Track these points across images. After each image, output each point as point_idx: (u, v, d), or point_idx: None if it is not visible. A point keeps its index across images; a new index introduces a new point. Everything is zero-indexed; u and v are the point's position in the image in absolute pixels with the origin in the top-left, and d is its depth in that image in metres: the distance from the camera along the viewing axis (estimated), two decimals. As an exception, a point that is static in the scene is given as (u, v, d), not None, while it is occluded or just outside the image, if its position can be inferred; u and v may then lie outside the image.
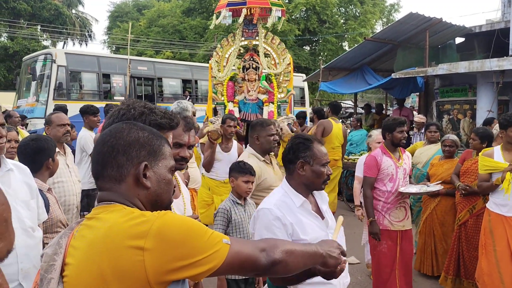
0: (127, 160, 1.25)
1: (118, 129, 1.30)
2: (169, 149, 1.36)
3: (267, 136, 3.70)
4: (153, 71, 15.96)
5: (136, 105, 1.64)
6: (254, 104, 6.37)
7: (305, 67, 26.11)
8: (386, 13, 31.38)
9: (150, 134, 1.32)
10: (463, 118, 9.02)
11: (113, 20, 38.50)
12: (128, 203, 1.25)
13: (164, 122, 1.65)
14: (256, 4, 6.18)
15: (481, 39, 10.62)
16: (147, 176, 1.27)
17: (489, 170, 3.96)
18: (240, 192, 3.30)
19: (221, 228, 3.22)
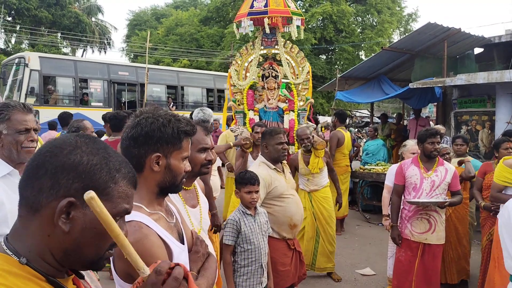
0: (51, 187, 0.96)
1: (61, 143, 1.01)
2: (123, 189, 1.03)
3: (275, 144, 3.72)
4: (135, 76, 15.56)
5: (161, 113, 1.67)
6: (275, 112, 6.41)
7: (321, 75, 26.09)
8: (403, 23, 31.22)
9: (101, 163, 1.00)
10: (481, 129, 8.91)
11: (131, 28, 39.11)
12: (25, 249, 0.97)
13: (189, 129, 1.70)
14: (278, 13, 6.24)
15: (501, 50, 10.50)
16: (70, 216, 0.96)
17: (506, 182, 3.91)
18: (245, 203, 3.28)
19: (230, 240, 3.21)
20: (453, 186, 4.20)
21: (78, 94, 13.99)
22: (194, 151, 2.10)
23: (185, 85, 16.91)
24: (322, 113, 26.89)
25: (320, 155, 5.19)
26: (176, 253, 1.56)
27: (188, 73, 18.37)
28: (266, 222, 3.40)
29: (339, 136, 7.31)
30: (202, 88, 17.59)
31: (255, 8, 6.31)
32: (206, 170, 2.18)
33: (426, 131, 4.24)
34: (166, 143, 1.63)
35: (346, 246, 6.66)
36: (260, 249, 3.25)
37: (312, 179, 5.20)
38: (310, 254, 5.25)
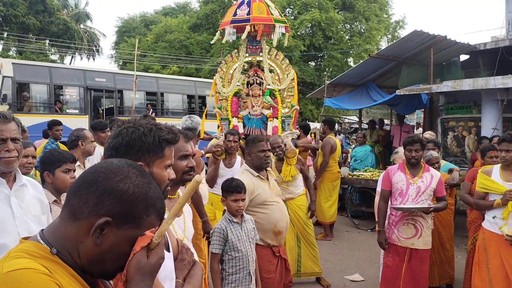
0: (95, 204, 1.08)
1: (116, 169, 1.14)
2: (151, 221, 1.15)
3: (258, 152, 3.75)
4: (113, 83, 15.24)
5: (142, 123, 1.68)
6: (259, 119, 6.43)
7: (311, 82, 26.24)
8: (391, 30, 31.54)
9: (142, 196, 1.13)
10: (468, 135, 9.03)
11: (120, 35, 39.00)
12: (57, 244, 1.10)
13: (171, 137, 1.70)
14: (260, 21, 6.28)
15: (486, 57, 10.66)
16: (103, 232, 1.08)
17: (486, 190, 3.98)
18: (231, 211, 3.29)
19: (218, 248, 3.21)
20: (438, 192, 4.25)
21: (53, 101, 13.63)
22: (175, 158, 2.10)
23: (165, 91, 16.58)
24: (311, 119, 27.00)
25: (292, 163, 5.20)
26: None
27: (168, 79, 18.10)
28: (253, 229, 3.41)
29: (332, 143, 7.38)
30: (182, 95, 17.29)
31: (238, 16, 6.35)
32: (189, 177, 2.18)
33: (406, 138, 4.33)
34: (147, 152, 1.64)
35: (335, 252, 6.69)
36: (248, 256, 3.26)
37: (286, 187, 5.17)
38: (294, 262, 5.25)
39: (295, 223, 5.24)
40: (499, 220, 3.81)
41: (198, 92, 17.53)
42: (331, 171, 7.39)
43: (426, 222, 4.26)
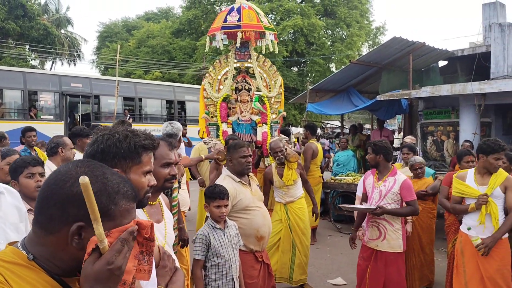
0: (61, 215, 1.08)
1: (65, 175, 1.13)
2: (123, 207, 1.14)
3: (239, 158, 3.77)
4: (89, 88, 15.02)
5: (118, 129, 1.69)
6: (248, 125, 6.47)
7: (293, 87, 26.40)
8: (372, 36, 31.97)
9: (100, 190, 1.11)
10: (446, 140, 9.20)
11: (102, 40, 38.70)
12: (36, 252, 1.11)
13: (148, 143, 1.70)
14: (250, 28, 6.33)
15: (463, 63, 10.90)
16: (82, 236, 1.08)
17: (461, 194, 4.09)
18: (214, 217, 3.30)
19: (200, 254, 3.22)
20: (404, 196, 4.27)
21: (27, 107, 13.38)
22: (158, 166, 2.10)
23: (143, 96, 16.37)
24: (294, 124, 27.13)
25: (293, 167, 5.27)
26: None
27: (147, 85, 17.91)
28: (237, 234, 3.42)
29: (313, 148, 7.46)
30: (161, 100, 17.08)
31: (228, 22, 6.39)
32: (170, 185, 2.19)
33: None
34: (123, 159, 1.64)
35: (318, 256, 6.73)
36: (231, 262, 3.27)
37: (287, 191, 5.28)
38: (287, 267, 5.28)
39: (293, 228, 5.28)
40: (473, 232, 3.93)
41: (178, 98, 17.37)
42: (313, 176, 7.46)
43: (391, 225, 4.28)
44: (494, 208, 3.86)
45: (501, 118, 9.37)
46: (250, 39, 6.49)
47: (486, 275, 3.84)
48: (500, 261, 3.85)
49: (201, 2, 30.37)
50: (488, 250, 3.81)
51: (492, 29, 8.97)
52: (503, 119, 9.44)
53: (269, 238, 4.03)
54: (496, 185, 3.90)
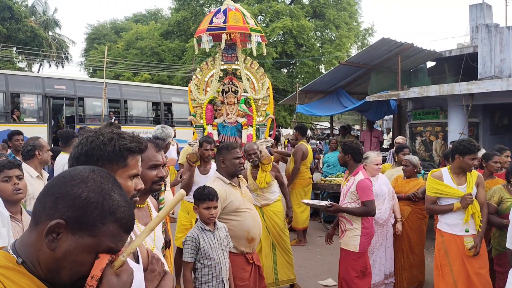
0: (50, 208, 1.06)
1: (76, 174, 1.12)
2: (110, 230, 1.10)
3: (232, 159, 3.75)
4: (73, 90, 14.77)
5: (104, 132, 1.64)
6: (233, 127, 6.45)
7: (283, 89, 26.45)
8: (360, 37, 32.18)
9: (97, 203, 1.08)
10: (435, 140, 9.26)
11: (90, 42, 38.46)
12: (23, 253, 1.09)
13: (134, 146, 1.65)
14: (236, 30, 6.31)
15: (451, 63, 10.99)
16: (58, 237, 1.05)
17: (440, 194, 4.15)
18: (203, 219, 3.29)
19: (190, 257, 3.20)
20: (360, 196, 4.30)
21: (9, 110, 13.15)
22: (145, 168, 2.07)
23: (128, 98, 16.17)
24: (284, 125, 27.18)
25: (267, 169, 5.25)
26: None
27: (132, 86, 17.68)
28: (226, 236, 3.41)
29: (303, 149, 7.45)
30: (147, 102, 16.93)
31: (214, 24, 6.37)
32: (158, 187, 2.16)
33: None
34: (108, 162, 1.59)
35: (308, 257, 6.73)
36: (220, 264, 3.25)
37: (262, 193, 5.24)
38: (271, 270, 5.26)
39: (270, 230, 5.26)
40: (469, 235, 4.00)
41: (164, 99, 17.23)
42: (303, 177, 7.46)
43: (350, 224, 4.35)
44: (477, 206, 4.01)
45: (488, 118, 9.46)
46: (236, 41, 6.48)
47: (472, 272, 3.95)
48: (483, 256, 4.02)
49: (190, 3, 30.32)
50: (478, 249, 3.89)
51: (479, 30, 9.06)
52: (491, 119, 9.54)
53: (259, 240, 4.02)
54: (473, 184, 4.07)
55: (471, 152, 4.00)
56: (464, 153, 4.01)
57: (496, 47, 8.57)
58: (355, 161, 4.39)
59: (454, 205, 4.02)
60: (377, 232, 4.74)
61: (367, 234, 4.33)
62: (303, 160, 7.44)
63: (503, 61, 8.53)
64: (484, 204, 4.09)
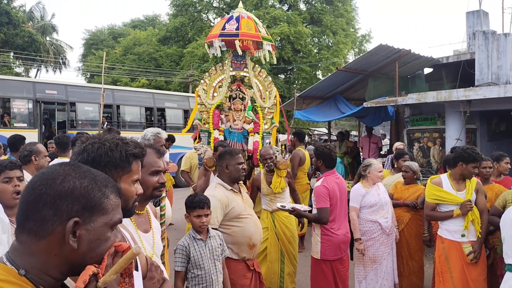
0: (54, 214, 1.06)
1: (51, 174, 1.11)
2: (113, 201, 1.16)
3: (236, 164, 3.73)
4: (65, 95, 14.53)
5: (107, 138, 1.66)
6: (240, 133, 6.45)
7: (281, 95, 26.33)
8: (357, 44, 32.23)
9: (91, 184, 1.12)
10: (433, 146, 9.27)
11: (88, 48, 38.41)
12: (26, 265, 1.06)
13: (138, 152, 1.68)
14: (248, 37, 6.32)
15: (449, 70, 11.03)
16: (76, 235, 1.07)
17: (439, 200, 4.15)
18: (195, 227, 3.24)
19: (180, 266, 3.16)
20: (315, 202, 4.31)
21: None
22: (146, 174, 2.07)
23: (121, 103, 15.99)
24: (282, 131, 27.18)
25: (283, 175, 5.25)
26: None
27: (124, 91, 17.53)
28: (220, 245, 3.34)
29: (300, 155, 7.46)
30: (140, 107, 16.70)
31: (226, 30, 6.39)
32: (159, 193, 2.15)
33: None
34: (115, 168, 1.61)
35: (306, 264, 6.69)
36: (211, 274, 3.19)
37: (274, 199, 5.25)
38: (277, 276, 5.22)
39: (280, 236, 5.23)
40: (466, 240, 4.01)
41: (157, 105, 17.05)
42: (300, 183, 7.44)
43: (313, 230, 4.39)
44: (476, 213, 4.02)
45: (486, 125, 9.48)
46: (248, 48, 6.49)
47: (471, 278, 3.96)
48: (482, 263, 4.03)
49: (188, 10, 30.35)
50: (478, 256, 3.89)
51: (476, 36, 9.09)
52: (488, 125, 9.56)
53: (260, 246, 4.00)
54: (472, 190, 4.08)
55: (475, 161, 4.04)
56: (468, 161, 4.03)
57: (493, 54, 8.60)
58: (326, 166, 4.36)
59: (454, 212, 4.02)
60: (384, 242, 4.68)
61: (328, 241, 4.24)
62: (300, 166, 7.44)
63: (500, 67, 8.56)
64: (483, 211, 4.09)
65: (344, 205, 4.47)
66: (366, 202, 4.72)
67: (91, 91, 15.56)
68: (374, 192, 4.74)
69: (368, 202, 4.71)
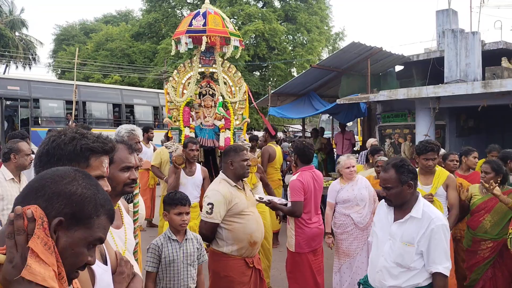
0: (45, 207, 1.09)
1: (63, 173, 1.17)
2: (102, 222, 1.18)
3: (241, 161, 3.70)
4: (28, 91, 14.23)
5: (67, 131, 1.62)
6: (211, 130, 6.42)
7: (256, 92, 26.49)
8: (331, 41, 32.55)
9: (91, 197, 1.16)
10: (403, 142, 9.46)
11: (59, 43, 37.63)
12: None
13: (97, 146, 1.62)
14: (216, 33, 6.30)
15: (419, 67, 11.26)
16: (56, 235, 1.10)
17: None
18: (175, 226, 3.16)
19: (151, 266, 3.08)
20: (290, 196, 4.41)
21: None
22: (116, 170, 2.04)
23: (87, 100, 15.75)
24: (257, 128, 27.23)
25: (253, 171, 5.27)
26: (98, 274, 1.53)
27: (91, 87, 17.29)
28: (197, 249, 3.26)
29: (270, 151, 7.48)
30: (107, 104, 16.45)
31: (193, 26, 6.34)
32: (130, 190, 2.12)
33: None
34: (69, 161, 1.55)
35: (280, 259, 6.75)
36: (180, 279, 3.12)
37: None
38: None
39: None
40: None
41: (126, 101, 16.82)
42: (272, 179, 7.46)
43: (288, 224, 4.46)
44: (438, 207, 4.03)
45: (454, 121, 9.74)
46: (215, 44, 6.47)
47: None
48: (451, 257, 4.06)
49: (161, 5, 30.06)
50: None
51: (445, 35, 9.31)
52: (457, 121, 9.82)
53: (260, 244, 3.97)
54: (439, 185, 4.14)
55: (423, 152, 4.10)
56: (419, 153, 4.14)
57: (462, 52, 8.82)
58: (301, 161, 4.45)
59: None
60: (358, 237, 4.73)
61: (302, 234, 4.32)
62: (269, 162, 7.47)
63: (468, 65, 8.79)
64: (453, 206, 4.13)
65: (319, 199, 4.57)
66: (340, 197, 4.84)
67: (56, 87, 15.23)
68: (349, 188, 4.82)
69: (341, 198, 4.82)
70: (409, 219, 2.70)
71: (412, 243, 2.64)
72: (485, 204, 4.16)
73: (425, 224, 2.64)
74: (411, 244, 2.64)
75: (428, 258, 2.63)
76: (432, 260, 2.62)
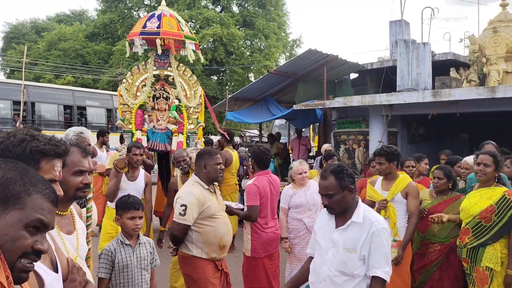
0: None
1: None
2: (37, 202, 1.14)
3: (214, 164, 3.68)
4: None
5: (17, 132, 1.56)
6: (163, 133, 6.34)
7: (213, 96, 26.42)
8: (289, 48, 32.99)
9: (16, 178, 1.13)
10: (357, 148, 9.69)
11: (8, 42, 36.13)
12: None
13: (48, 149, 1.57)
14: (170, 36, 6.22)
15: (373, 75, 11.60)
16: None
17: (370, 199, 4.36)
18: (128, 230, 3.09)
19: (104, 272, 3.01)
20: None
21: None
22: (69, 173, 1.98)
23: (36, 101, 15.22)
24: (214, 133, 27.13)
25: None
26: (48, 282, 1.47)
27: (40, 88, 16.67)
28: (150, 253, 3.22)
29: (227, 156, 7.44)
30: (58, 105, 15.91)
31: (147, 28, 6.26)
32: (83, 194, 2.06)
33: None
34: None
35: (236, 264, 6.73)
36: (135, 283, 3.07)
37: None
38: None
39: None
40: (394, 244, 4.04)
41: (77, 103, 16.32)
42: (228, 183, 7.44)
43: (244, 228, 4.46)
44: (392, 213, 4.13)
45: (406, 128, 10.07)
46: (170, 47, 6.40)
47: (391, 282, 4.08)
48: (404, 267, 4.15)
49: (117, 6, 29.48)
50: (400, 260, 4.03)
51: (398, 45, 9.64)
52: (408, 129, 10.16)
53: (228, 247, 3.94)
54: (397, 191, 4.17)
55: (372, 157, 4.27)
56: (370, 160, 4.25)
57: (413, 62, 9.15)
58: (258, 166, 4.46)
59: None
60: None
61: (258, 239, 4.32)
62: (226, 166, 7.46)
63: (419, 74, 9.12)
64: (413, 214, 4.15)
65: (275, 204, 4.57)
66: (293, 202, 4.86)
67: (3, 87, 14.53)
68: (302, 193, 4.86)
69: (294, 203, 4.85)
70: (351, 224, 2.63)
71: (355, 249, 2.58)
72: (434, 208, 4.30)
73: (366, 228, 2.59)
74: (353, 250, 2.58)
75: (368, 262, 2.57)
76: (372, 264, 2.56)
